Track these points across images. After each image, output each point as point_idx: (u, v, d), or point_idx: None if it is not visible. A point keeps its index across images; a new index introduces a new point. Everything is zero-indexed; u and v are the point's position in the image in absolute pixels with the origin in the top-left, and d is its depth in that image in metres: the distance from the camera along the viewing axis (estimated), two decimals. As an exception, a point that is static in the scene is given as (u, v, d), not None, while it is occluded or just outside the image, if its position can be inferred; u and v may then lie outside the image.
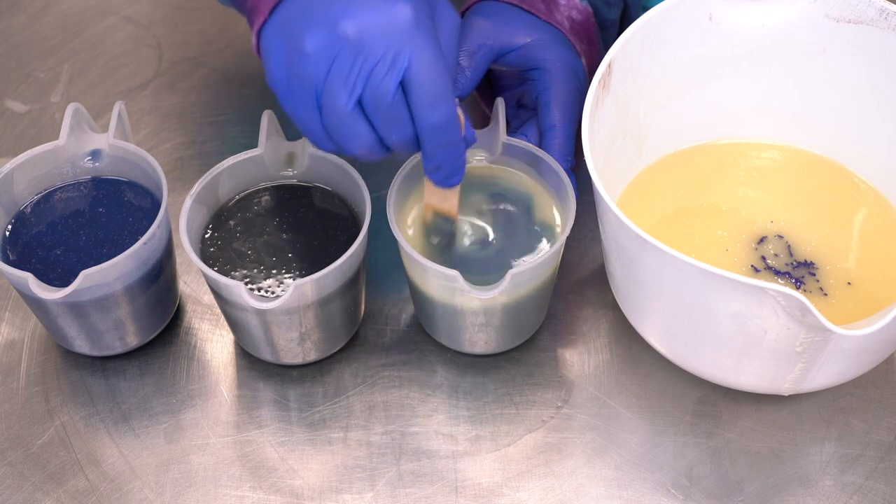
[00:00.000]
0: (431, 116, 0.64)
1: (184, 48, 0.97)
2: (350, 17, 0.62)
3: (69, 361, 0.77)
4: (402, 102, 0.64)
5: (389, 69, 0.62)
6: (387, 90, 0.63)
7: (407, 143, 0.65)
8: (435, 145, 0.66)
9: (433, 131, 0.65)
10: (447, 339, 0.76)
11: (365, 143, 0.65)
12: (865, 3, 0.73)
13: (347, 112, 0.63)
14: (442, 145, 0.66)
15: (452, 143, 0.66)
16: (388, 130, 0.65)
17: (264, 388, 0.76)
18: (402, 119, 0.64)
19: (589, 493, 0.71)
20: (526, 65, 0.79)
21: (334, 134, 0.65)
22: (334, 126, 0.65)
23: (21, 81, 0.95)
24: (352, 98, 0.63)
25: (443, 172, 0.68)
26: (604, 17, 0.83)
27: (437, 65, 0.63)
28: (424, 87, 0.63)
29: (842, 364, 0.66)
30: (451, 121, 0.65)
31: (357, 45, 0.62)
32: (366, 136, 0.65)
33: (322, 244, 0.74)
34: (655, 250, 0.63)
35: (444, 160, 0.67)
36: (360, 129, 0.64)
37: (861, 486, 0.71)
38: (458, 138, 0.66)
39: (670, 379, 0.75)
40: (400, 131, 0.65)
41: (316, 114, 0.65)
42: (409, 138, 0.65)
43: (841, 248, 0.76)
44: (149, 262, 0.72)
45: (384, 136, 0.65)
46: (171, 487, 0.71)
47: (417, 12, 0.63)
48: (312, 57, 0.63)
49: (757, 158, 0.81)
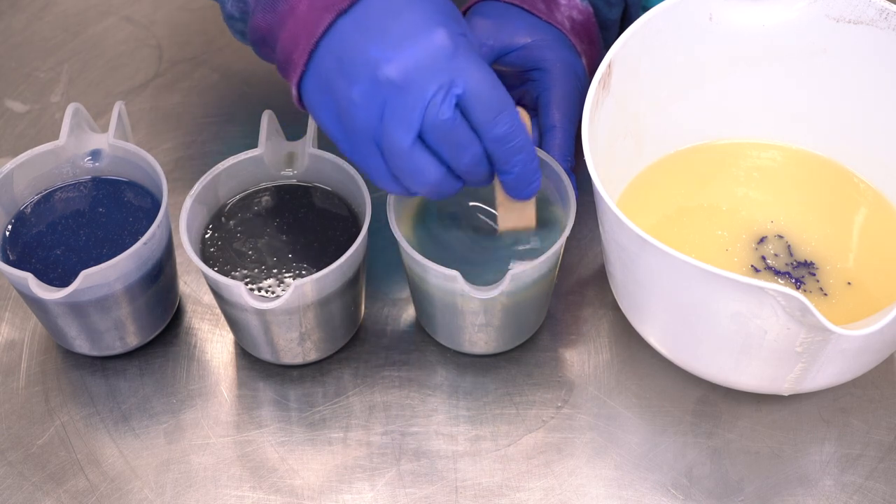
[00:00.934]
0: (496, 128, 0.64)
1: (184, 48, 0.97)
2: (389, 59, 0.62)
3: (69, 361, 0.77)
4: (463, 125, 0.63)
5: (443, 100, 0.62)
6: (445, 118, 0.62)
7: (478, 163, 0.65)
8: (507, 155, 0.65)
9: (501, 141, 0.64)
10: (447, 339, 0.76)
11: (433, 177, 0.64)
12: (865, 3, 0.73)
13: (408, 149, 0.63)
14: (514, 152, 0.65)
15: (524, 148, 0.66)
16: (456, 156, 0.64)
17: (264, 388, 0.76)
18: (468, 140, 0.64)
19: (589, 493, 0.71)
20: (526, 65, 0.79)
21: (401, 174, 0.65)
22: (399, 167, 0.64)
23: (21, 81, 0.95)
24: (410, 134, 0.62)
25: (523, 181, 0.67)
26: (604, 16, 0.83)
27: (488, 78, 0.63)
28: (482, 102, 0.63)
29: (842, 364, 0.66)
30: (518, 126, 0.65)
31: (404, 86, 0.62)
32: (433, 170, 0.64)
33: (322, 244, 0.74)
34: (655, 250, 0.63)
35: (520, 168, 0.66)
36: (425, 164, 0.64)
37: (861, 486, 0.71)
38: (527, 141, 0.66)
39: (670, 379, 0.75)
40: (469, 153, 0.64)
41: (379, 159, 0.64)
42: (479, 157, 0.65)
43: (841, 248, 0.76)
44: (149, 262, 0.72)
45: (453, 163, 0.64)
46: (171, 487, 0.71)
47: (453, 34, 0.63)
48: (361, 105, 0.63)
49: (757, 158, 0.81)
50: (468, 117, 0.63)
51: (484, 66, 0.63)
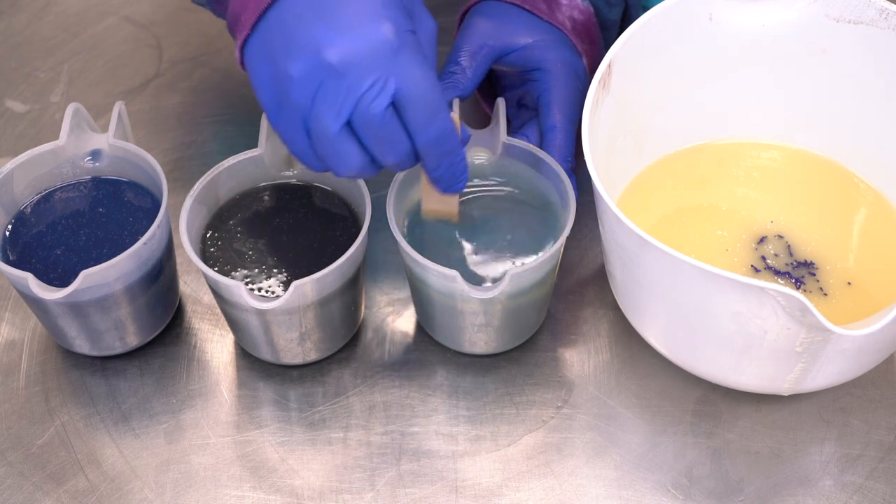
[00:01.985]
0: (428, 131, 0.64)
1: (184, 48, 0.97)
2: (332, 44, 0.61)
3: (69, 361, 0.77)
4: (393, 122, 0.63)
5: (379, 94, 0.62)
6: (376, 113, 0.62)
7: (402, 160, 0.65)
8: (436, 157, 0.66)
9: (433, 145, 0.65)
10: (447, 339, 0.76)
11: (355, 165, 0.65)
12: (865, 3, 0.73)
13: (335, 135, 0.63)
14: (443, 155, 0.66)
15: (453, 151, 0.66)
16: (381, 150, 0.64)
17: (264, 388, 0.76)
18: (396, 137, 0.64)
19: (589, 493, 0.71)
20: (527, 65, 0.79)
21: (324, 156, 0.65)
22: (323, 149, 0.64)
23: (21, 81, 0.95)
24: (338, 121, 0.62)
25: (447, 180, 0.68)
26: (605, 16, 0.83)
27: (426, 80, 0.63)
28: (417, 105, 0.63)
29: (842, 364, 0.66)
30: (449, 130, 0.65)
31: (342, 73, 0.61)
32: (356, 158, 0.64)
33: (322, 244, 0.74)
34: (655, 250, 0.63)
35: (446, 169, 0.67)
36: (349, 151, 0.64)
37: (861, 486, 0.71)
38: (457, 145, 0.66)
39: (670, 379, 0.75)
40: (394, 149, 0.64)
41: (304, 136, 0.64)
42: (405, 155, 0.65)
43: (841, 248, 0.76)
44: (149, 262, 0.72)
45: (377, 155, 0.64)
46: (171, 487, 0.71)
47: (399, 31, 0.62)
48: (297, 82, 0.62)
49: (757, 158, 0.81)
50: (401, 116, 0.63)
51: (424, 66, 0.63)
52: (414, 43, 0.63)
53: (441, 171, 0.67)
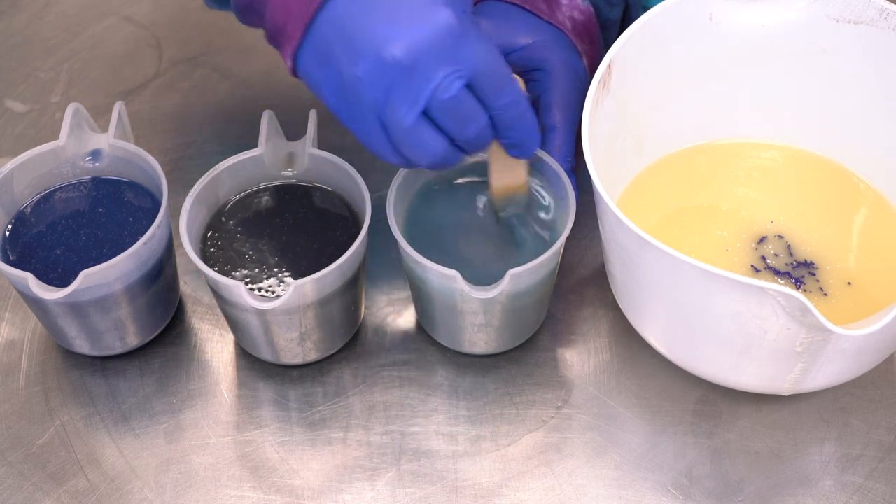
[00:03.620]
0: (503, 99, 0.64)
1: (184, 48, 0.97)
2: (396, 38, 0.61)
3: (69, 361, 0.77)
4: (469, 99, 0.63)
5: (454, 80, 0.62)
6: (452, 96, 0.62)
7: (481, 133, 0.65)
8: (512, 121, 0.66)
9: (508, 110, 0.65)
10: (447, 339, 0.76)
11: (437, 150, 0.65)
12: (865, 3, 0.73)
13: (412, 126, 0.63)
14: (517, 118, 0.66)
15: (526, 112, 0.66)
16: (461, 129, 0.64)
17: (264, 388, 0.76)
18: (474, 113, 0.64)
19: (589, 493, 0.71)
20: (528, 66, 0.79)
21: (403, 148, 0.65)
22: (403, 142, 0.64)
23: (21, 81, 0.95)
24: (414, 112, 0.62)
25: (526, 142, 0.68)
26: (605, 16, 0.83)
27: (492, 55, 0.63)
28: (490, 80, 0.63)
29: (842, 364, 0.66)
30: (520, 93, 0.65)
31: (411, 66, 0.61)
32: (437, 144, 0.64)
33: (322, 244, 0.74)
34: (655, 250, 0.63)
35: (522, 132, 0.67)
36: (429, 138, 0.64)
37: (861, 486, 0.71)
38: (528, 106, 0.67)
39: (670, 379, 0.75)
40: (475, 125, 0.64)
41: (381, 133, 0.64)
42: (484, 129, 0.65)
43: (841, 248, 0.76)
44: (149, 262, 0.72)
45: (458, 135, 0.64)
46: (171, 487, 0.71)
47: (457, 12, 0.62)
48: (366, 82, 0.62)
49: (757, 158, 0.81)
50: (475, 92, 0.64)
51: (489, 43, 0.63)
52: (473, 22, 0.63)
53: (517, 134, 0.67)
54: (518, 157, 0.70)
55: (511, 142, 0.68)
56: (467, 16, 0.63)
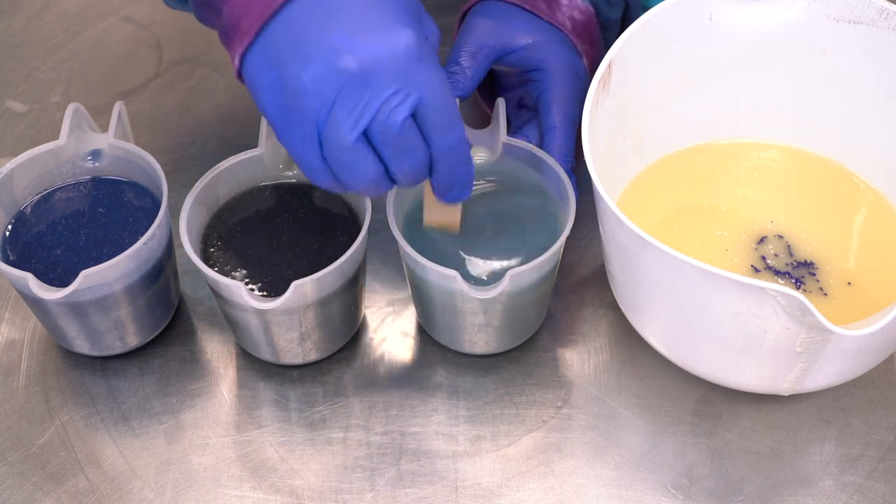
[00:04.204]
0: (447, 139, 0.62)
1: (184, 48, 0.97)
2: (352, 50, 0.59)
3: (69, 361, 0.77)
4: (413, 131, 0.61)
5: (401, 102, 0.60)
6: (396, 122, 0.60)
7: (417, 169, 0.63)
8: (450, 166, 0.64)
9: (449, 153, 0.63)
10: (447, 339, 0.76)
11: (370, 176, 0.62)
12: (865, 3, 0.73)
13: (350, 145, 0.60)
14: (457, 164, 0.64)
15: (466, 159, 0.65)
16: (398, 159, 0.62)
17: (264, 388, 0.76)
18: (414, 146, 0.62)
19: (589, 493, 0.71)
20: (528, 66, 0.79)
21: (337, 168, 0.62)
22: (337, 160, 0.62)
23: (21, 81, 0.95)
24: (356, 131, 0.60)
25: (457, 190, 0.66)
26: (605, 16, 0.83)
27: (444, 88, 0.61)
28: (437, 114, 0.61)
29: (842, 364, 0.67)
30: (464, 139, 0.64)
31: (362, 80, 0.59)
32: (371, 168, 0.62)
33: (322, 244, 0.74)
34: (655, 250, 0.63)
35: (457, 178, 0.65)
36: (365, 161, 0.62)
37: (861, 486, 0.71)
38: (469, 153, 0.65)
39: (670, 379, 0.75)
40: (411, 158, 0.62)
41: (316, 148, 0.62)
42: (421, 164, 0.63)
43: (841, 248, 0.76)
44: (149, 262, 0.72)
45: (394, 165, 0.62)
46: (171, 487, 0.71)
47: (418, 38, 0.60)
48: (312, 91, 0.60)
49: (757, 158, 0.81)
50: (420, 124, 0.62)
51: (442, 75, 0.62)
52: (431, 50, 0.62)
53: (452, 180, 0.65)
54: (447, 201, 0.67)
55: (443, 185, 0.66)
56: (426, 42, 0.62)
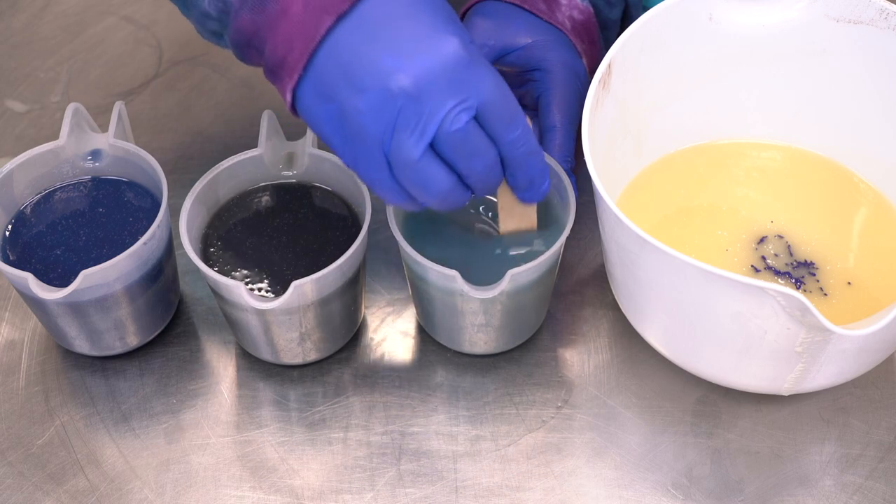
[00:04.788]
0: (512, 132, 0.63)
1: (184, 48, 0.97)
2: (401, 69, 0.60)
3: (69, 361, 0.77)
4: (478, 133, 0.62)
5: (462, 110, 0.60)
6: (460, 128, 0.60)
7: (490, 170, 0.63)
8: (521, 159, 0.64)
9: (517, 145, 0.63)
10: (447, 339, 0.76)
11: (444, 187, 0.63)
12: (865, 3, 0.73)
13: (418, 160, 0.61)
14: (527, 156, 0.64)
15: (535, 150, 0.65)
16: (469, 164, 0.62)
17: (264, 388, 0.76)
18: (482, 148, 0.62)
19: (589, 493, 0.71)
20: (527, 65, 0.79)
21: (410, 186, 0.63)
22: (408, 178, 0.62)
23: (21, 81, 0.95)
24: (420, 145, 0.60)
25: (535, 184, 0.66)
26: (605, 16, 0.83)
27: (501, 87, 0.62)
28: (497, 112, 0.62)
29: (842, 364, 0.67)
30: (528, 129, 0.64)
31: (418, 97, 0.60)
32: (444, 179, 0.62)
33: (322, 244, 0.74)
34: (655, 250, 0.63)
35: (532, 171, 0.66)
36: (435, 174, 0.62)
37: (861, 486, 0.71)
38: (537, 144, 0.65)
39: (670, 379, 0.75)
40: (483, 160, 0.63)
41: (386, 171, 0.62)
42: (493, 163, 0.63)
43: (841, 248, 0.76)
44: (149, 262, 0.72)
45: (466, 171, 0.63)
46: (171, 487, 0.71)
47: (464, 41, 0.61)
48: (372, 117, 0.60)
49: (757, 158, 0.81)
50: (483, 125, 0.62)
51: (496, 74, 0.62)
52: (478, 53, 0.62)
53: (528, 174, 0.66)
54: (527, 201, 0.68)
55: (520, 183, 0.66)
56: (474, 45, 0.62)
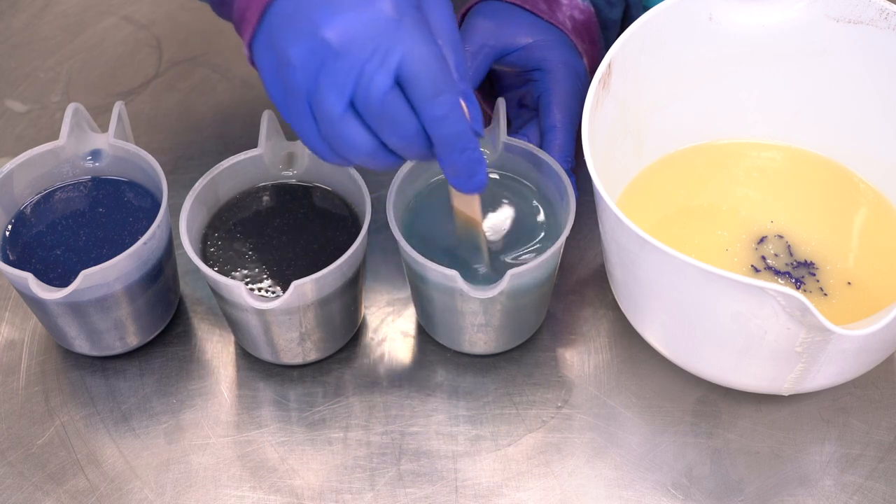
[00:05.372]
0: (435, 109, 0.61)
1: (184, 48, 0.97)
2: (330, 22, 0.60)
3: (69, 361, 0.77)
4: (398, 100, 0.61)
5: (379, 68, 0.60)
6: (379, 90, 0.60)
7: (409, 143, 0.62)
8: (445, 140, 0.63)
9: (439, 124, 0.62)
10: (447, 339, 0.76)
11: (364, 148, 0.62)
12: (865, 3, 0.73)
13: (339, 117, 0.61)
14: (453, 138, 0.63)
15: (463, 136, 0.62)
16: (386, 131, 0.62)
17: (264, 388, 0.76)
18: (400, 117, 0.61)
19: (589, 493, 0.71)
20: (528, 65, 0.79)
21: (332, 142, 0.63)
22: (330, 134, 0.62)
23: (21, 81, 0.95)
24: (341, 102, 0.61)
25: (463, 173, 0.65)
26: (605, 16, 0.83)
27: (430, 54, 0.60)
28: (421, 80, 0.60)
29: (842, 364, 0.66)
30: (457, 112, 0.62)
31: (341, 50, 0.60)
32: (364, 141, 0.62)
33: (322, 244, 0.74)
34: (655, 250, 0.63)
35: (458, 158, 0.64)
36: (355, 134, 0.62)
37: (861, 486, 0.71)
38: (467, 130, 0.62)
39: (670, 379, 0.75)
40: (399, 131, 0.62)
41: (312, 124, 0.63)
42: (411, 137, 0.62)
43: (841, 248, 0.76)
44: (149, 262, 0.72)
45: (384, 138, 0.62)
46: (171, 487, 0.71)
47: (399, 6, 0.60)
48: (298, 67, 0.61)
49: (757, 158, 0.81)
50: (406, 93, 0.61)
51: (429, 40, 0.61)
52: (417, 18, 0.61)
53: (453, 159, 0.64)
54: (457, 188, 0.65)
55: (447, 167, 0.64)
56: (412, 11, 0.61)
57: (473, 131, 0.63)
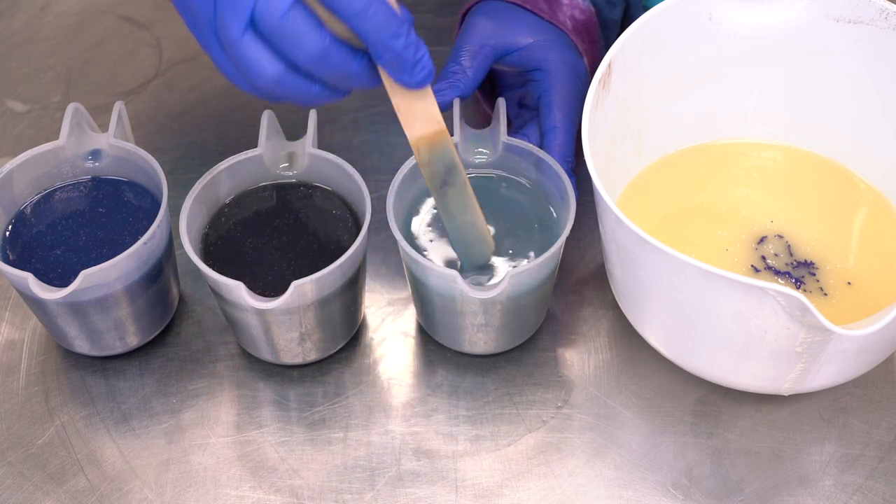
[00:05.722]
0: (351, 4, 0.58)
1: (184, 48, 0.97)
2: None
3: (69, 361, 0.77)
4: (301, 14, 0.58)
5: None
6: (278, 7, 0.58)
7: (320, 59, 0.59)
8: (373, 31, 0.59)
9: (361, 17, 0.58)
10: (447, 339, 0.76)
11: (270, 72, 0.60)
12: (865, 3, 0.73)
13: (238, 40, 0.59)
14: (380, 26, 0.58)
15: (391, 20, 0.59)
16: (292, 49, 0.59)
17: (264, 388, 0.76)
18: (305, 30, 0.58)
19: (589, 493, 0.71)
20: (528, 65, 0.79)
21: (240, 68, 0.61)
22: (235, 59, 0.60)
23: (21, 81, 0.95)
24: (239, 24, 0.58)
25: (407, 60, 0.60)
26: (606, 16, 0.83)
27: None
28: None
29: (842, 364, 0.67)
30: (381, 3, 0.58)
31: None
32: (269, 65, 0.60)
33: (322, 244, 0.74)
34: (655, 250, 0.63)
35: (395, 44, 0.59)
36: (260, 57, 0.59)
37: (861, 486, 0.71)
38: (395, 15, 0.59)
39: (670, 379, 0.75)
40: (305, 47, 0.58)
41: (220, 50, 0.61)
42: (321, 52, 0.59)
43: (841, 248, 0.76)
44: (149, 262, 0.72)
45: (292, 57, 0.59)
46: (171, 487, 0.71)
47: None
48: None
49: (757, 158, 0.81)
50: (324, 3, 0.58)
51: None
52: None
53: (389, 48, 0.59)
54: (408, 84, 0.61)
55: (387, 61, 0.60)
56: None
57: (402, 16, 0.60)
